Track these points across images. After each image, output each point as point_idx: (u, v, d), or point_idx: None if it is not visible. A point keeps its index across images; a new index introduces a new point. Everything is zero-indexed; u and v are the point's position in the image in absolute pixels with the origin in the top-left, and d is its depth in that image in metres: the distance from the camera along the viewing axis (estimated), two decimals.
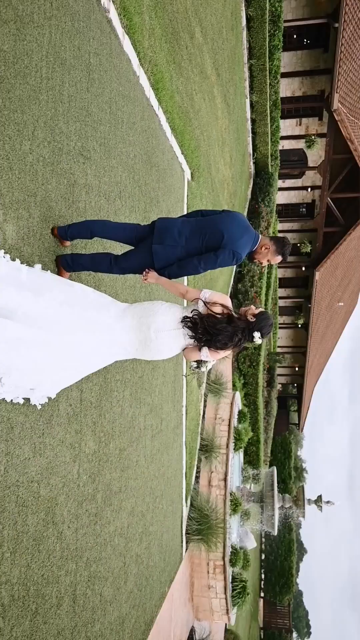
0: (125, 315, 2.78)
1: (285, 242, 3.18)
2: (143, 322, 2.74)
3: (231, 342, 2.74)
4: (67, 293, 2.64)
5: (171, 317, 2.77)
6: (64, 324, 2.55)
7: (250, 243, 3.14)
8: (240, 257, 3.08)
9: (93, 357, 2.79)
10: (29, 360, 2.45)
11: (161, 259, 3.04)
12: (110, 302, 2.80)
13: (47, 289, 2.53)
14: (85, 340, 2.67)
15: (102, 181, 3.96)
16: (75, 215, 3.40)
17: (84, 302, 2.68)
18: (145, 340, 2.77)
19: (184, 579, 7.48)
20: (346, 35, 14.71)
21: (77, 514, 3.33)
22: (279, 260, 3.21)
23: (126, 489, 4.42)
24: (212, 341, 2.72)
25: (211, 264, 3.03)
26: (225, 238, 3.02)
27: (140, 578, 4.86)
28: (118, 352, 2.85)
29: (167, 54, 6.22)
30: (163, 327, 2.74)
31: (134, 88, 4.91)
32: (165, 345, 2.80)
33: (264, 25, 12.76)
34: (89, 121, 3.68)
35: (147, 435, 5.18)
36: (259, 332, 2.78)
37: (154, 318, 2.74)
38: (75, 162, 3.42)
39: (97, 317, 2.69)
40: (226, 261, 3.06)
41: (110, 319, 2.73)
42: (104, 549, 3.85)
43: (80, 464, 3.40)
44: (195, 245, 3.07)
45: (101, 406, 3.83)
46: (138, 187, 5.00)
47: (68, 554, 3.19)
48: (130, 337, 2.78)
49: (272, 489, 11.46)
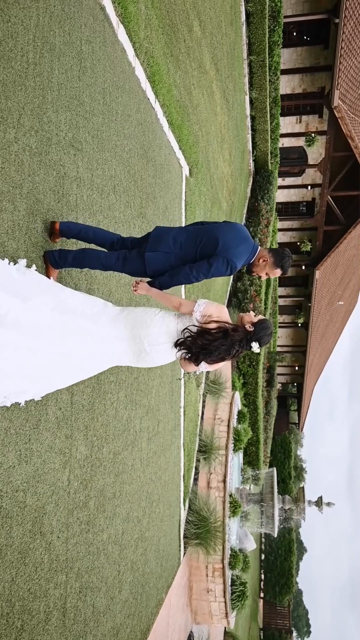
0: (117, 322, 2.63)
1: (285, 254, 3.00)
2: (136, 335, 2.63)
3: (229, 354, 2.65)
4: (58, 299, 2.50)
5: (165, 329, 2.65)
6: (54, 331, 2.42)
7: (248, 253, 2.95)
8: (235, 266, 2.88)
9: (84, 365, 2.65)
10: (15, 365, 2.30)
11: (153, 267, 2.90)
12: (100, 310, 2.65)
13: (37, 294, 2.40)
14: (76, 349, 2.54)
15: (95, 174, 3.80)
16: (65, 209, 3.24)
17: (76, 310, 2.54)
18: (139, 352, 2.68)
19: (181, 584, 7.33)
20: (347, 31, 14.53)
21: (67, 523, 3.17)
22: (278, 274, 3.02)
23: (121, 495, 4.26)
24: (209, 356, 2.63)
25: (204, 272, 2.85)
26: (220, 245, 2.85)
27: (136, 586, 4.71)
28: (110, 361, 2.72)
29: (164, 46, 6.06)
30: (157, 341, 2.64)
31: (129, 79, 4.74)
32: (161, 356, 2.73)
33: (263, 20, 12.58)
34: (80, 111, 3.51)
35: (143, 438, 5.02)
36: (257, 342, 2.66)
37: (148, 331, 2.62)
38: (65, 154, 3.26)
39: (89, 326, 2.56)
40: (220, 270, 2.87)
41: (103, 329, 2.60)
42: (97, 558, 3.70)
43: (71, 470, 3.25)
44: (190, 252, 2.92)
45: (94, 409, 3.67)
46: (133, 181, 4.84)
47: (57, 566, 3.03)
48: (123, 347, 2.66)
49: (272, 490, 11.31)
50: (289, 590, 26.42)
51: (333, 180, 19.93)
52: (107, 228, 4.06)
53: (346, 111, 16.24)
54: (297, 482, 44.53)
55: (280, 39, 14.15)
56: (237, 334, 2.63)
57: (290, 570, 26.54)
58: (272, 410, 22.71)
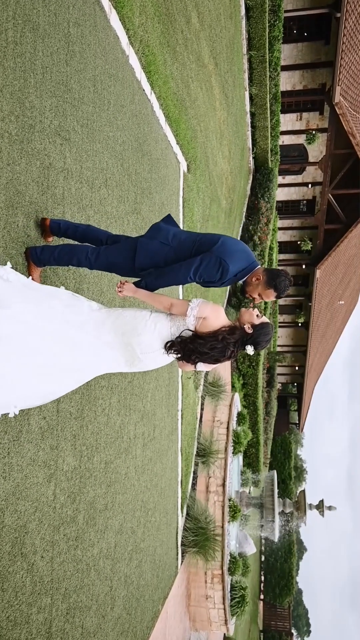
0: (105, 328, 2.41)
1: (280, 274, 2.62)
2: (127, 342, 2.41)
3: (224, 356, 2.44)
4: (42, 306, 2.27)
5: (157, 335, 2.44)
6: (39, 339, 2.20)
7: (243, 263, 2.64)
8: (227, 268, 2.57)
9: (74, 375, 2.43)
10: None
11: (145, 255, 2.63)
12: (86, 317, 2.41)
13: (18, 301, 2.17)
14: (63, 359, 2.32)
15: (85, 166, 3.57)
16: (50, 202, 3.00)
17: (61, 318, 2.31)
18: (132, 359, 2.48)
19: (179, 593, 7.10)
20: (348, 26, 14.28)
21: (52, 541, 2.94)
22: (271, 296, 2.65)
23: (113, 506, 4.03)
24: (204, 359, 2.45)
25: (194, 269, 2.57)
26: (218, 243, 2.60)
27: (130, 600, 4.48)
28: (101, 369, 2.50)
29: (161, 35, 5.82)
30: (150, 349, 2.43)
31: (122, 68, 4.51)
32: (155, 362, 2.53)
33: (263, 14, 12.34)
34: (68, 98, 3.28)
35: (137, 445, 4.79)
36: (252, 345, 2.44)
37: (139, 339, 2.40)
38: (50, 143, 3.02)
39: (76, 334, 2.33)
40: (210, 269, 2.57)
41: (90, 337, 2.38)
42: (87, 575, 3.47)
43: (57, 483, 3.01)
44: (186, 248, 2.66)
45: (83, 417, 3.44)
46: (127, 175, 4.61)
47: (41, 588, 2.80)
48: (114, 355, 2.44)
49: (272, 494, 11.08)
50: (289, 592, 26.21)
51: (334, 178, 19.69)
52: (99, 223, 3.83)
53: (347, 108, 15.99)
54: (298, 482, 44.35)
55: (280, 34, 13.90)
56: (233, 336, 2.41)
57: (290, 572, 26.34)
58: (272, 410, 22.50)
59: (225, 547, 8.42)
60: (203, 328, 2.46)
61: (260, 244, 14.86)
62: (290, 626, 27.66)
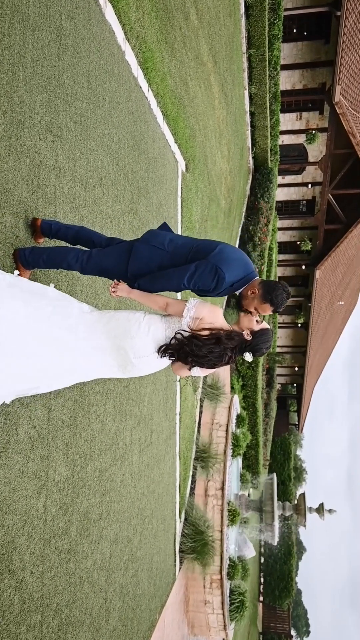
0: (96, 331, 2.29)
1: (277, 287, 2.46)
2: (120, 345, 2.29)
3: (221, 361, 2.31)
4: (30, 306, 2.15)
5: (152, 337, 2.31)
6: (25, 340, 2.08)
7: (241, 273, 2.49)
8: (222, 278, 2.42)
9: (63, 379, 2.31)
10: None
11: (139, 261, 2.50)
12: (76, 319, 2.29)
13: (6, 300, 2.06)
14: (53, 362, 2.20)
15: (78, 165, 3.44)
16: (41, 201, 2.88)
17: (49, 319, 2.19)
18: (124, 364, 2.36)
19: (177, 600, 6.97)
20: (348, 25, 14.16)
21: (43, 555, 2.82)
22: (268, 310, 2.47)
23: (108, 515, 3.91)
24: (200, 362, 2.32)
25: (188, 276, 2.43)
26: (215, 251, 2.45)
27: (126, 611, 4.36)
28: (92, 374, 2.38)
29: (158, 31, 5.70)
30: (144, 352, 2.31)
31: (118, 64, 4.38)
32: (150, 366, 2.41)
33: (263, 13, 12.21)
34: (60, 93, 3.16)
35: (134, 451, 4.67)
36: (251, 352, 2.32)
37: (132, 342, 2.28)
38: (41, 139, 2.90)
39: (66, 337, 2.22)
40: (205, 277, 2.42)
41: (81, 340, 2.26)
42: (80, 588, 3.34)
43: (48, 495, 2.89)
44: (182, 254, 2.53)
45: (76, 424, 3.32)
46: (123, 174, 4.49)
47: (30, 605, 2.68)
48: (105, 359, 2.32)
49: (271, 497, 10.96)
50: (289, 593, 26.08)
51: (334, 178, 19.58)
52: (93, 223, 3.71)
53: (347, 107, 15.87)
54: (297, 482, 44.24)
55: (280, 33, 13.78)
56: (231, 341, 2.30)
57: (290, 574, 26.20)
58: (271, 412, 22.38)
59: (224, 552, 8.30)
60: (199, 329, 2.35)
61: (259, 245, 14.74)
62: (289, 628, 27.53)
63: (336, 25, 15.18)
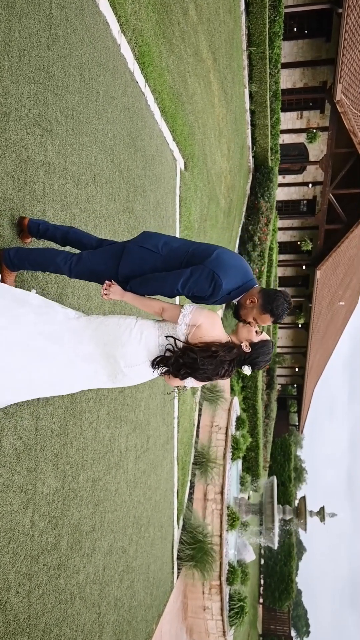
0: (84, 339, 2.14)
1: (278, 296, 2.30)
2: (109, 354, 2.13)
3: (217, 375, 2.15)
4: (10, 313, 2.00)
5: (144, 346, 2.16)
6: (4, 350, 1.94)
7: (239, 280, 2.33)
8: (219, 284, 2.26)
9: (42, 388, 2.16)
10: None
11: (130, 263, 2.35)
12: (61, 326, 2.13)
13: None
14: (36, 372, 2.05)
15: (70, 161, 3.29)
16: (29, 199, 2.72)
17: (32, 327, 2.04)
18: (114, 374, 2.20)
19: (175, 608, 6.82)
20: (350, 22, 14.00)
21: (30, 573, 2.66)
22: (267, 321, 2.31)
23: (101, 526, 3.76)
24: (194, 375, 2.18)
25: (183, 281, 2.26)
26: (212, 256, 2.28)
27: (121, 624, 4.20)
28: (74, 386, 2.23)
29: (156, 25, 5.54)
30: (136, 361, 2.15)
31: (113, 57, 4.23)
32: (141, 376, 2.25)
33: (263, 10, 12.06)
34: (49, 85, 3.00)
35: (129, 458, 4.52)
36: (249, 365, 2.17)
37: (123, 350, 2.12)
38: (29, 133, 2.75)
39: (48, 347, 2.07)
40: (201, 283, 2.25)
41: (67, 348, 2.11)
42: (71, 605, 3.19)
43: (36, 509, 2.74)
44: (177, 258, 2.36)
45: (67, 433, 3.16)
46: (119, 172, 4.33)
47: (16, 627, 2.53)
48: (94, 368, 2.17)
49: (271, 501, 10.80)
50: (289, 595, 25.93)
51: (335, 177, 19.41)
52: (86, 223, 3.56)
53: (349, 106, 15.71)
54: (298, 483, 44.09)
55: (281, 30, 13.61)
56: (229, 354, 2.14)
57: (290, 576, 26.05)
58: (271, 413, 22.24)
59: (224, 557, 8.16)
60: (195, 338, 2.19)
61: (260, 245, 14.59)
62: (289, 630, 27.38)
63: (337, 23, 15.01)
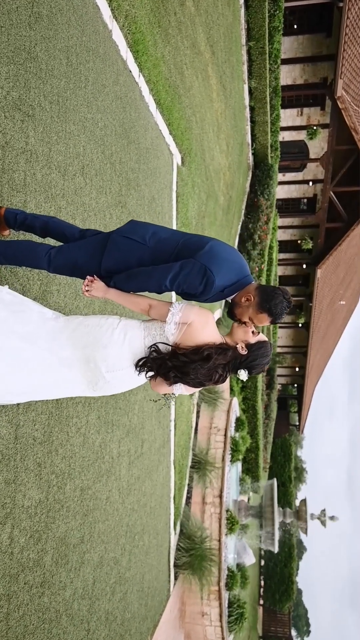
0: (60, 340, 1.93)
1: (276, 293, 2.09)
2: (89, 357, 1.92)
3: (209, 380, 1.95)
4: None
5: (127, 348, 1.95)
6: None
7: (233, 277, 2.12)
8: (211, 281, 2.05)
9: (15, 394, 1.95)
10: None
11: (114, 255, 2.13)
12: (37, 326, 1.92)
13: None
14: (9, 376, 1.85)
15: (55, 149, 3.08)
16: (7, 188, 2.52)
17: (3, 327, 1.84)
18: (95, 380, 1.99)
19: (171, 617, 6.62)
20: (351, 17, 13.78)
21: (8, 594, 2.46)
22: (265, 321, 2.09)
23: (91, 537, 3.55)
24: (184, 380, 1.97)
25: (171, 277, 2.05)
26: (204, 249, 2.07)
27: (113, 639, 4.00)
28: (50, 393, 2.02)
29: (150, 13, 5.33)
30: (118, 365, 1.94)
31: (103, 43, 4.02)
32: (125, 383, 2.03)
33: (263, 4, 11.84)
34: (31, 67, 2.79)
35: (122, 464, 4.31)
36: (246, 369, 1.96)
37: (105, 353, 1.91)
38: (7, 117, 2.54)
39: (23, 349, 1.86)
40: (191, 278, 2.03)
41: (43, 351, 1.90)
42: (56, 624, 2.99)
43: (15, 524, 2.53)
44: (166, 250, 2.14)
45: (51, 441, 2.96)
46: (110, 164, 4.12)
47: None
48: (73, 374, 1.95)
49: (271, 504, 10.61)
50: (289, 597, 25.72)
51: (335, 175, 19.19)
52: (73, 216, 3.35)
53: (350, 102, 15.49)
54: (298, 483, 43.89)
55: (280, 25, 13.40)
56: (224, 357, 1.93)
57: (290, 577, 25.85)
58: (271, 413, 22.04)
59: (223, 562, 7.96)
60: (186, 339, 1.97)
61: (259, 243, 14.38)
62: (290, 632, 27.19)
63: (338, 18, 14.80)
